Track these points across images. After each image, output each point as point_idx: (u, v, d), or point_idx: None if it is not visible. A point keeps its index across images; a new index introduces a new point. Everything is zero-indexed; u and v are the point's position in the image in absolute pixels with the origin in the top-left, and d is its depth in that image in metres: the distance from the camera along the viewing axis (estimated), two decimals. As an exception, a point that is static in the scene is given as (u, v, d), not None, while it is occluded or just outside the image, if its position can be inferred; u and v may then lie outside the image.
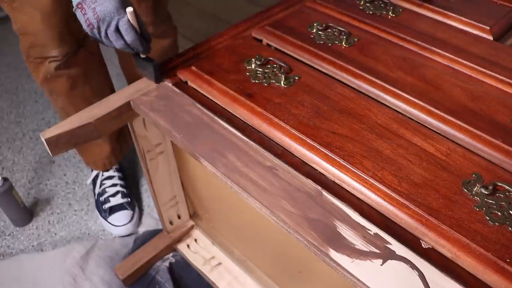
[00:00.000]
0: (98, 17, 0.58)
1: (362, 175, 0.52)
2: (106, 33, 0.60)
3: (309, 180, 0.53)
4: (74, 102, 0.97)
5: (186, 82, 0.68)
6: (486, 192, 0.49)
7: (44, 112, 1.50)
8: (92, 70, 1.02)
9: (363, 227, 0.48)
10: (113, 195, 1.15)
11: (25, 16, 0.86)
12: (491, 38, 0.74)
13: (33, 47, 0.91)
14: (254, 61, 0.67)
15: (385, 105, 0.62)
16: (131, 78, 1.16)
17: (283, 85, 0.64)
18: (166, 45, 1.09)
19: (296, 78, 0.65)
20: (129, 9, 0.59)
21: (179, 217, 0.98)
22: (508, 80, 0.63)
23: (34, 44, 0.90)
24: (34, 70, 0.96)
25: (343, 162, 0.53)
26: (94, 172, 1.19)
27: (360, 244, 0.47)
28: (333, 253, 0.46)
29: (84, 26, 0.60)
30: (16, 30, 0.91)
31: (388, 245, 0.46)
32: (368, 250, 0.46)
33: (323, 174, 0.54)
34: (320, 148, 0.55)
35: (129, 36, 0.60)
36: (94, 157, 1.14)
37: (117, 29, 0.60)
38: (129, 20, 0.59)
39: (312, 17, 0.77)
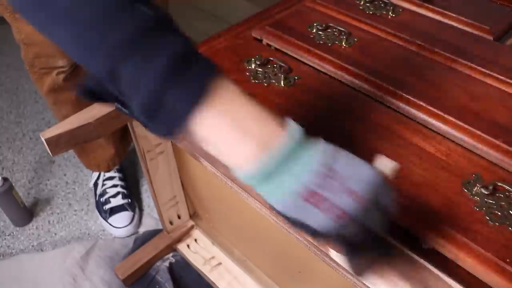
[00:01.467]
0: (364, 199, 0.34)
1: (362, 175, 0.52)
2: (371, 221, 0.36)
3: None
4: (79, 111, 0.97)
5: (186, 82, 0.68)
6: (486, 192, 0.49)
7: (44, 112, 1.50)
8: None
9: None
10: (114, 196, 1.15)
11: (29, 26, 0.84)
12: (491, 38, 0.74)
13: (39, 57, 0.89)
14: (254, 61, 0.67)
15: (385, 105, 0.62)
16: None
17: (283, 85, 0.64)
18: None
19: (296, 78, 0.65)
20: (390, 161, 0.38)
21: (179, 217, 0.98)
22: (508, 80, 0.63)
23: (40, 54, 0.89)
24: (38, 80, 0.95)
25: (343, 162, 0.53)
26: (95, 175, 1.19)
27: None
28: (333, 253, 0.46)
29: (324, 226, 0.34)
30: (19, 40, 0.89)
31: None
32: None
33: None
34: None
35: (388, 198, 0.37)
36: (98, 160, 1.14)
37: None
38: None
39: (312, 17, 0.77)
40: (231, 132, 0.33)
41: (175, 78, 0.32)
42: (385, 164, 0.38)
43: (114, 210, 1.12)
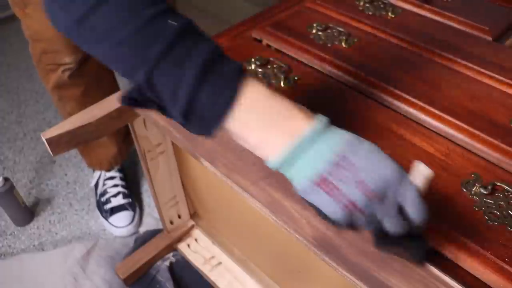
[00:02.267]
0: (373, 192, 0.36)
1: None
2: (379, 215, 0.37)
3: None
4: (84, 108, 0.98)
5: (187, 83, 0.68)
6: (485, 192, 0.49)
7: (45, 112, 1.50)
8: (103, 76, 1.03)
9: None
10: (115, 195, 1.15)
11: (38, 23, 0.85)
12: (490, 38, 0.74)
13: (46, 53, 0.90)
14: (254, 62, 0.67)
15: (384, 105, 0.62)
16: None
17: (282, 85, 0.64)
18: None
19: (295, 78, 0.65)
20: (426, 168, 0.37)
21: (179, 216, 0.98)
22: (507, 80, 0.64)
23: (46, 50, 0.90)
24: (44, 76, 0.96)
25: (342, 162, 0.53)
26: (97, 174, 1.20)
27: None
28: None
29: (333, 212, 0.36)
30: (27, 36, 0.90)
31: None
32: (367, 250, 0.46)
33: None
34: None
35: (421, 210, 0.37)
36: (100, 158, 1.15)
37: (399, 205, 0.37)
38: (415, 185, 0.37)
39: (311, 18, 0.77)
40: (259, 128, 0.37)
41: (207, 83, 0.36)
42: (420, 170, 0.37)
43: (114, 210, 1.13)
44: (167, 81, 0.36)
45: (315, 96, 0.63)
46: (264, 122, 0.37)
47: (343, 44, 0.71)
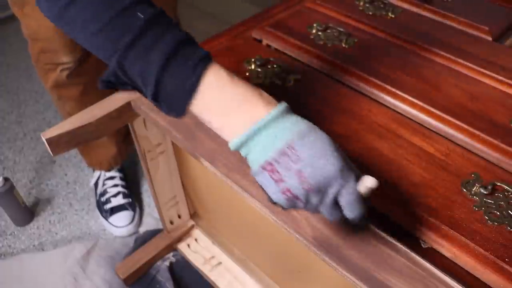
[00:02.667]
0: (310, 185, 0.38)
1: (362, 175, 0.52)
2: (318, 204, 0.40)
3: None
4: (83, 108, 0.98)
5: (187, 83, 0.68)
6: (485, 192, 0.49)
7: (45, 112, 1.50)
8: (101, 75, 1.02)
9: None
10: (115, 195, 1.15)
11: (36, 22, 0.85)
12: (490, 38, 0.74)
13: (44, 52, 0.90)
14: (254, 62, 0.67)
15: (384, 105, 0.62)
16: None
17: (282, 85, 0.64)
18: None
19: (295, 78, 0.65)
20: (372, 181, 0.39)
21: (179, 216, 0.98)
22: (507, 80, 0.64)
23: (45, 49, 0.90)
24: (43, 75, 0.96)
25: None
26: (96, 174, 1.20)
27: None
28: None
29: (275, 195, 0.40)
30: (26, 36, 0.90)
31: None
32: (367, 250, 0.46)
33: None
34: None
35: (355, 211, 0.40)
36: (100, 158, 1.15)
37: (335, 200, 0.40)
38: (357, 189, 0.39)
39: (312, 18, 0.77)
40: (221, 112, 0.40)
41: (171, 70, 0.39)
42: (364, 180, 0.39)
43: (114, 210, 1.12)
44: (136, 68, 0.39)
45: (315, 96, 0.63)
46: (225, 107, 0.40)
47: (343, 44, 0.71)
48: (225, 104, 0.40)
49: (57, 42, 0.87)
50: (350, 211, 0.40)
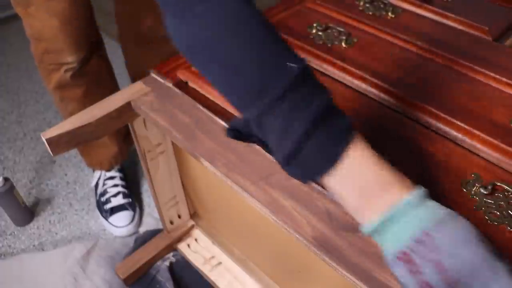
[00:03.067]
0: (451, 278, 0.33)
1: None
2: None
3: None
4: (85, 108, 0.98)
5: (187, 83, 0.69)
6: (485, 192, 0.49)
7: (45, 112, 1.50)
8: (104, 76, 1.03)
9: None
10: (114, 195, 1.15)
11: (40, 22, 0.85)
12: (490, 38, 0.74)
13: (48, 53, 0.90)
14: (254, 62, 0.67)
15: (384, 105, 0.62)
16: (136, 78, 1.17)
17: (283, 85, 0.64)
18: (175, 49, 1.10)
19: (296, 78, 0.65)
20: None
21: (179, 216, 0.98)
22: (507, 80, 0.64)
23: (49, 50, 0.90)
24: (46, 76, 0.96)
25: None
26: (97, 175, 1.20)
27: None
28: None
29: (407, 285, 0.36)
30: (29, 36, 0.90)
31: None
32: (367, 250, 0.46)
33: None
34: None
35: None
36: (101, 158, 1.15)
37: None
38: (510, 283, 0.33)
39: (311, 18, 0.77)
40: (357, 192, 0.37)
41: (315, 137, 0.36)
42: None
43: (114, 210, 1.13)
44: (277, 126, 0.36)
45: (315, 96, 0.63)
46: (362, 187, 0.37)
47: (343, 44, 0.71)
48: (367, 184, 0.37)
49: (62, 42, 0.87)
50: None
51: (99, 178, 1.19)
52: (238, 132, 0.40)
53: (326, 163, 0.37)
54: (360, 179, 0.37)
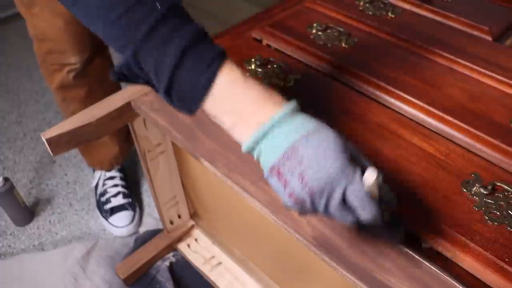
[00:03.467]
0: (311, 188, 0.37)
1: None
2: (326, 207, 0.38)
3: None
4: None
5: (187, 83, 0.68)
6: (485, 192, 0.49)
7: (45, 112, 1.50)
8: (106, 76, 1.03)
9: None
10: (114, 195, 1.15)
11: (45, 23, 0.85)
12: (490, 38, 0.74)
13: (51, 53, 0.90)
14: (254, 62, 0.67)
15: (384, 105, 0.62)
16: None
17: (282, 85, 0.64)
18: None
19: (295, 78, 0.65)
20: (371, 173, 0.37)
21: (179, 216, 0.98)
22: (507, 80, 0.64)
23: (52, 50, 0.90)
24: (49, 76, 0.96)
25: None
26: (97, 175, 1.20)
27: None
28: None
29: (285, 199, 0.39)
30: (32, 36, 0.90)
31: (387, 245, 0.46)
32: (367, 250, 0.46)
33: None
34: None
35: (367, 212, 0.38)
36: (101, 158, 1.15)
37: (344, 200, 0.38)
38: (363, 186, 0.37)
39: (312, 18, 0.77)
40: (233, 111, 0.39)
41: (186, 65, 0.38)
42: (366, 177, 0.38)
43: (114, 210, 1.12)
44: (151, 60, 0.38)
45: (315, 96, 0.63)
46: (237, 107, 0.39)
47: (343, 44, 0.71)
48: (238, 103, 0.39)
49: (66, 42, 0.87)
50: (361, 211, 0.37)
51: (99, 179, 1.19)
52: (123, 75, 0.41)
53: (200, 90, 0.39)
54: (232, 101, 0.39)
